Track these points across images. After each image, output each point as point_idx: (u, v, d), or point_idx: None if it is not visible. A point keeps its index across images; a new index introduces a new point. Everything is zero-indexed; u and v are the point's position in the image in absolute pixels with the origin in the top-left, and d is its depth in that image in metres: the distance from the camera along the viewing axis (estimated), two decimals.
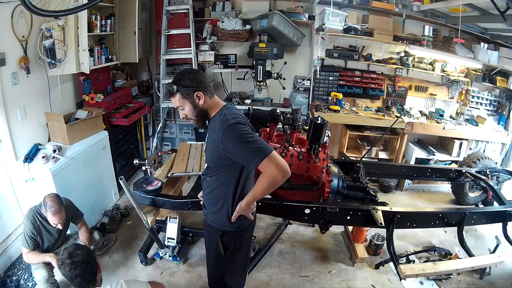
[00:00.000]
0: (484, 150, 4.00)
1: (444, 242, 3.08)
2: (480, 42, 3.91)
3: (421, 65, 4.08)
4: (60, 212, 2.12)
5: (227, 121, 1.42)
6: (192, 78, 1.48)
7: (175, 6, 3.91)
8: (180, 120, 4.44)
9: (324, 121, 2.18)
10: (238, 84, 4.48)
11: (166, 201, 2.29)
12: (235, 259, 1.72)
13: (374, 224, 2.21)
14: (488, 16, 3.20)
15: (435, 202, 3.95)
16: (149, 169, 2.63)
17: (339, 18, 3.75)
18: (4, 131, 2.50)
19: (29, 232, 2.16)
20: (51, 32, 2.71)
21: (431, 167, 3.48)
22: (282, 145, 2.32)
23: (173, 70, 4.37)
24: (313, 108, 4.08)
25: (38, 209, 2.21)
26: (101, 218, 3.23)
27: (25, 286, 2.41)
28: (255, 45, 3.77)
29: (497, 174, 3.40)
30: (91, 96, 3.28)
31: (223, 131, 1.41)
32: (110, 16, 3.50)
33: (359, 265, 2.80)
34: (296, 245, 3.03)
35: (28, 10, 1.80)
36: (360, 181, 2.48)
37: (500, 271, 2.71)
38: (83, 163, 2.89)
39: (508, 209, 2.57)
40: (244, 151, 1.39)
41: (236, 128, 1.40)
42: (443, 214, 2.51)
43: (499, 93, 4.18)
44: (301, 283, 2.60)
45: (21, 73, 2.60)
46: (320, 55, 4.07)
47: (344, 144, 4.13)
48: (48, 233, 2.26)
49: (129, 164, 4.00)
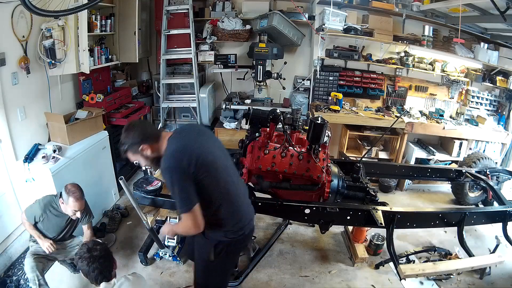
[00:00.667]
0: (484, 150, 4.00)
1: (444, 242, 3.08)
2: (480, 42, 3.91)
3: (421, 65, 4.08)
4: (82, 199, 2.18)
5: (162, 163, 1.51)
6: (132, 135, 1.56)
7: (175, 6, 3.91)
8: (180, 120, 4.44)
9: (324, 121, 2.18)
10: (238, 84, 4.48)
11: (166, 201, 2.29)
12: (222, 265, 1.78)
13: (374, 224, 2.21)
14: (488, 16, 3.20)
15: (435, 202, 3.95)
16: (149, 169, 2.63)
17: (339, 18, 3.75)
18: (4, 131, 2.50)
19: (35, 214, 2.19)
20: (51, 32, 2.70)
21: (431, 167, 3.48)
22: (282, 145, 2.33)
23: (173, 70, 4.37)
24: (313, 108, 4.08)
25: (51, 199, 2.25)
26: (101, 218, 3.23)
27: (25, 286, 2.40)
28: (255, 45, 3.77)
29: (497, 174, 3.40)
30: (91, 96, 3.28)
31: (162, 172, 1.55)
32: (110, 16, 3.50)
33: (359, 265, 2.80)
34: (296, 245, 3.03)
35: (28, 10, 1.80)
36: (360, 181, 2.48)
37: (500, 271, 2.71)
38: (83, 163, 2.89)
39: (508, 209, 2.57)
40: (174, 196, 1.52)
41: (166, 174, 1.50)
42: (443, 214, 2.51)
43: (499, 93, 4.18)
44: (301, 283, 2.60)
45: (21, 73, 2.60)
46: (320, 55, 4.07)
47: (344, 144, 4.13)
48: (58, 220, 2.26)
49: (129, 164, 3.99)
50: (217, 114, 4.59)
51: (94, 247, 1.71)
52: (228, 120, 4.06)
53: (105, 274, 1.68)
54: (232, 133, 3.96)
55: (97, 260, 1.66)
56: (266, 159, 2.32)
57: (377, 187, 4.01)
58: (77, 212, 2.19)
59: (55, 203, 2.23)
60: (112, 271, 1.73)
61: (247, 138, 2.51)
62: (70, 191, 2.15)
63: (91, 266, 1.64)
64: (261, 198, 2.39)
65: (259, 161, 2.32)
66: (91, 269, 1.64)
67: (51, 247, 2.19)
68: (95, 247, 1.71)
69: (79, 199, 2.16)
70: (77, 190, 2.17)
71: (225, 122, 4.02)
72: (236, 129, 3.93)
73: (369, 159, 3.99)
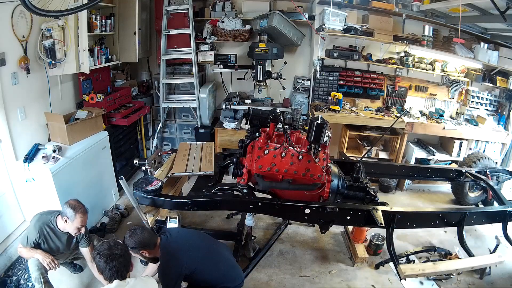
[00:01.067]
0: (484, 150, 4.00)
1: (444, 242, 3.08)
2: (480, 42, 3.91)
3: (421, 65, 4.09)
4: (87, 212, 2.17)
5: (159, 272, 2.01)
6: (135, 241, 1.93)
7: (175, 6, 3.91)
8: (180, 120, 4.45)
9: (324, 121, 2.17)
10: (238, 84, 4.48)
11: (166, 201, 2.29)
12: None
13: (374, 224, 2.21)
14: (488, 16, 3.20)
15: (435, 202, 3.95)
16: (149, 169, 2.63)
17: (339, 18, 3.75)
18: (4, 131, 2.50)
19: (33, 238, 2.13)
20: (51, 32, 2.70)
21: (431, 167, 3.47)
22: (282, 145, 2.32)
23: (173, 70, 4.37)
24: (313, 108, 4.08)
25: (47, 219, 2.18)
26: (101, 218, 3.23)
27: (25, 286, 2.41)
28: (255, 45, 3.77)
29: (497, 174, 3.40)
30: (91, 96, 3.28)
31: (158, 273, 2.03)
32: (110, 16, 3.50)
33: (359, 265, 2.80)
34: (296, 245, 3.03)
35: (28, 10, 1.80)
36: (360, 181, 2.47)
37: (500, 271, 2.72)
38: (83, 163, 2.89)
39: (508, 209, 2.56)
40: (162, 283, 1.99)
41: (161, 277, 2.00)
42: (443, 214, 2.50)
43: (499, 93, 4.19)
44: (301, 283, 2.60)
45: (21, 73, 2.60)
46: (320, 55, 4.07)
47: (344, 144, 4.13)
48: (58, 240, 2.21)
49: (129, 164, 4.00)
50: (217, 114, 4.59)
51: (115, 246, 1.72)
52: (228, 120, 4.06)
53: (122, 273, 1.69)
54: (232, 133, 3.96)
55: (116, 258, 1.67)
56: (266, 159, 2.31)
57: (377, 187, 4.02)
58: (82, 228, 2.15)
59: (52, 224, 2.17)
60: (128, 271, 1.76)
61: (247, 138, 2.51)
62: (76, 207, 2.11)
63: (109, 264, 1.65)
64: (261, 198, 2.39)
65: (259, 161, 2.32)
66: (109, 266, 1.65)
67: (52, 264, 2.12)
68: (116, 246, 1.72)
69: (86, 213, 2.14)
70: (81, 204, 2.16)
71: (225, 122, 4.02)
72: (236, 129, 3.93)
73: (369, 159, 4.00)
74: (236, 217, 3.30)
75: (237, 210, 3.06)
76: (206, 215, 3.40)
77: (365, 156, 3.88)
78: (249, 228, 2.84)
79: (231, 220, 3.32)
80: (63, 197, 2.60)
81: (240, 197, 2.36)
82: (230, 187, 2.45)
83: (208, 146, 3.08)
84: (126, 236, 1.97)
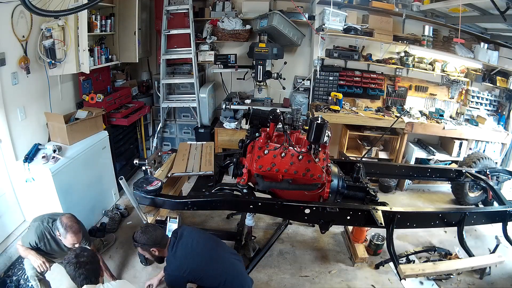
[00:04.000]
0: (484, 150, 4.00)
1: (444, 242, 3.08)
2: (480, 42, 3.90)
3: (421, 65, 4.08)
4: (80, 232, 2.12)
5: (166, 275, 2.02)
6: (147, 238, 1.97)
7: (175, 6, 3.91)
8: (180, 120, 4.45)
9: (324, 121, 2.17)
10: (238, 84, 4.47)
11: (166, 201, 2.29)
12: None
13: (374, 224, 2.21)
14: (488, 16, 3.20)
15: (435, 202, 3.95)
16: (149, 169, 2.62)
17: (339, 18, 3.75)
18: (4, 131, 2.50)
19: (34, 241, 2.13)
20: (51, 32, 2.70)
21: (431, 167, 3.47)
22: (282, 145, 2.32)
23: (173, 70, 4.37)
24: (313, 108, 4.08)
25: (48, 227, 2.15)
26: (101, 218, 3.22)
27: (25, 286, 2.41)
28: (255, 45, 3.77)
29: (497, 174, 3.40)
30: (91, 96, 3.28)
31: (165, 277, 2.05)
32: (110, 16, 3.50)
33: (359, 265, 2.80)
34: (296, 245, 3.03)
35: (28, 10, 1.80)
36: (360, 181, 2.47)
37: (500, 271, 2.72)
38: (83, 163, 2.89)
39: (508, 209, 2.57)
40: None
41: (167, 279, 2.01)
42: (443, 214, 2.51)
43: (499, 93, 4.19)
44: (301, 283, 2.60)
45: (21, 73, 2.60)
46: (320, 55, 4.07)
47: (344, 144, 4.13)
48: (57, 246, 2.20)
49: (129, 164, 4.00)
50: (217, 114, 4.59)
51: (81, 253, 1.76)
52: (228, 120, 4.06)
53: (91, 280, 1.73)
54: (232, 133, 3.96)
55: (83, 266, 1.72)
56: (266, 159, 2.32)
57: (377, 187, 4.01)
58: (76, 244, 2.11)
59: (53, 232, 2.15)
60: (98, 277, 1.79)
61: (247, 138, 2.52)
62: (67, 227, 2.04)
63: (77, 271, 1.70)
64: (261, 198, 2.39)
65: (259, 161, 2.32)
66: (77, 274, 1.71)
67: (43, 266, 2.11)
68: (82, 253, 1.77)
69: (77, 233, 2.08)
70: (74, 223, 2.09)
71: (225, 122, 4.02)
72: (236, 129, 3.93)
73: (369, 159, 4.00)
74: (236, 217, 3.30)
75: (237, 210, 3.06)
76: (206, 215, 3.40)
77: (365, 156, 3.89)
78: (249, 228, 2.85)
79: (231, 220, 3.32)
80: (63, 197, 2.61)
81: (240, 197, 2.36)
82: (230, 187, 2.45)
83: (208, 146, 3.08)
84: (138, 232, 1.99)
